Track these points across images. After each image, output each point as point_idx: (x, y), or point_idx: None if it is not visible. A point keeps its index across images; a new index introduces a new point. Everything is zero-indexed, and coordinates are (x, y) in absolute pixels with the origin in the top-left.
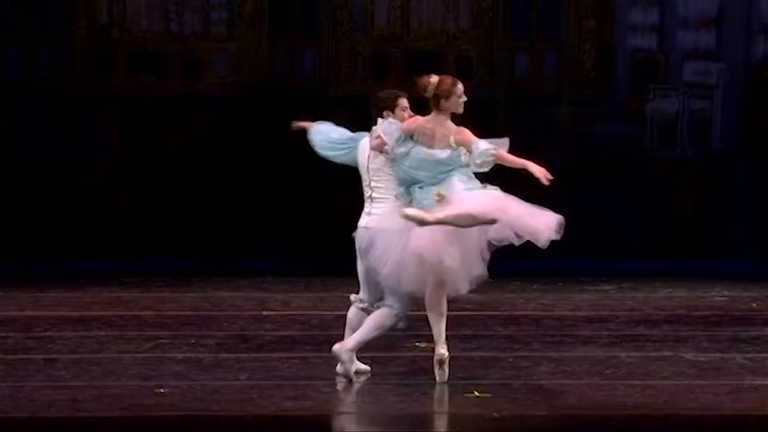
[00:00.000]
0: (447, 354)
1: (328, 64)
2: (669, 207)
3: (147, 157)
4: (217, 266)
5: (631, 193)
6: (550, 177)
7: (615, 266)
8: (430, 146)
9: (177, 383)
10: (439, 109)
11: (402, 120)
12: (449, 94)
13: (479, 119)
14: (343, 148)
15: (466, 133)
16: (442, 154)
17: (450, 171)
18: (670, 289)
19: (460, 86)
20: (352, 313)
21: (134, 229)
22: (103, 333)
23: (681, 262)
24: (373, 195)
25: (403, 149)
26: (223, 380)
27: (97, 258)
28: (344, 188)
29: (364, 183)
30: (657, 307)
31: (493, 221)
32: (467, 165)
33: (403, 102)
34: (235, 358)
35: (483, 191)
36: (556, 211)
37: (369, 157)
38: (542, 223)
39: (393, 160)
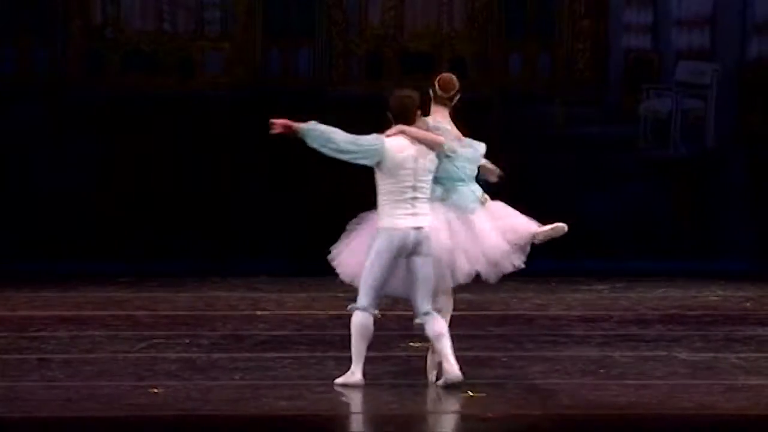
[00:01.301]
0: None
1: (323, 63)
2: (662, 207)
3: (141, 156)
4: (211, 266)
5: (625, 193)
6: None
7: (608, 266)
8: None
9: (171, 383)
10: (452, 108)
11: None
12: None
13: (473, 119)
14: (366, 152)
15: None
16: (480, 149)
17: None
18: (663, 289)
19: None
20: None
21: (128, 229)
22: (96, 333)
23: (675, 261)
24: (417, 195)
25: (464, 150)
26: (216, 380)
27: (90, 258)
28: (340, 188)
29: (403, 183)
30: (651, 307)
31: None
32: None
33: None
34: (229, 358)
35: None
36: (549, 211)
37: (416, 158)
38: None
39: (447, 158)
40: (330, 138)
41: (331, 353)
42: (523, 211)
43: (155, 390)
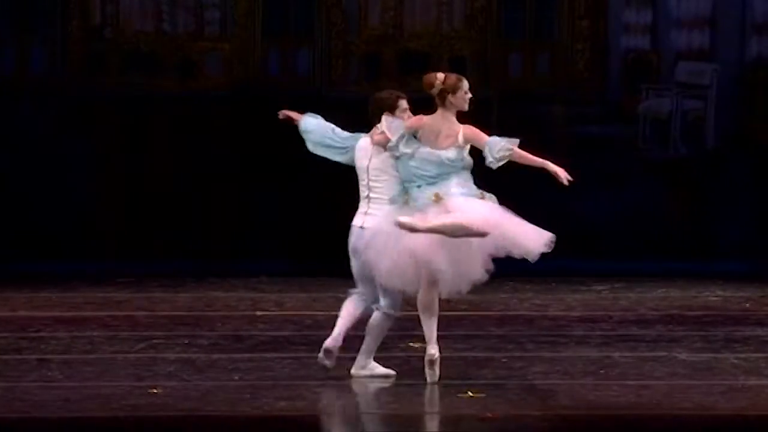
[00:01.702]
0: (437, 354)
1: (322, 64)
2: (662, 207)
3: (140, 157)
4: (211, 266)
5: (624, 193)
6: (570, 178)
7: (608, 266)
8: (435, 145)
9: (170, 383)
10: (445, 106)
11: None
12: (456, 89)
13: (472, 119)
14: (340, 149)
15: (476, 130)
16: (448, 153)
17: (451, 172)
18: (663, 289)
19: (465, 82)
20: (348, 301)
21: (127, 230)
22: (96, 333)
23: (674, 262)
24: (371, 195)
25: (408, 150)
26: (216, 381)
27: (90, 258)
28: (339, 188)
29: (362, 183)
30: (650, 307)
31: (483, 234)
32: (470, 167)
33: (404, 103)
34: (229, 359)
35: (479, 201)
36: (549, 211)
37: (370, 157)
38: (533, 240)
39: (396, 158)
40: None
41: None
42: (522, 213)
43: (154, 390)
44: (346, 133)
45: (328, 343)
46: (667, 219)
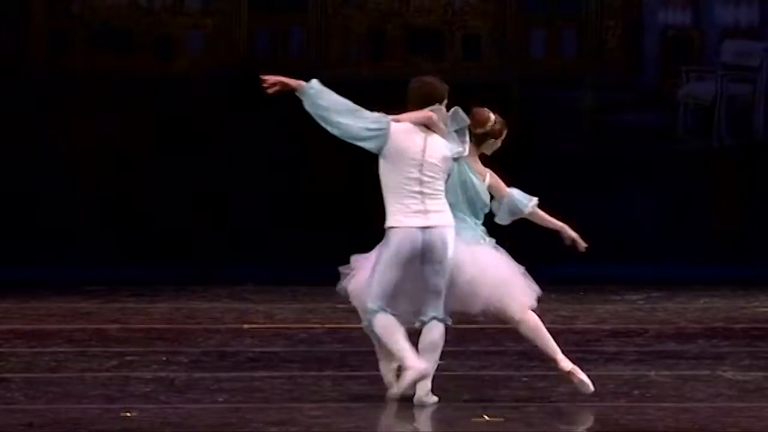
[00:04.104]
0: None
1: (317, 42)
2: (705, 205)
3: (112, 148)
4: (192, 273)
5: (662, 189)
6: (585, 244)
7: (643, 273)
8: None
9: (146, 406)
10: (478, 146)
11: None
12: (500, 135)
13: (489, 106)
14: (369, 136)
15: (500, 181)
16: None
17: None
18: (706, 299)
19: (505, 131)
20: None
21: (97, 232)
22: (61, 349)
23: (719, 268)
24: (425, 190)
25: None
26: (198, 403)
27: (54, 263)
28: (337, 183)
29: (406, 175)
30: (692, 320)
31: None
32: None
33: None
34: (212, 378)
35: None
36: (575, 208)
37: (425, 148)
38: (516, 299)
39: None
40: (330, 104)
41: (327, 372)
42: (547, 210)
43: (128, 414)
44: (368, 114)
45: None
46: (710, 218)
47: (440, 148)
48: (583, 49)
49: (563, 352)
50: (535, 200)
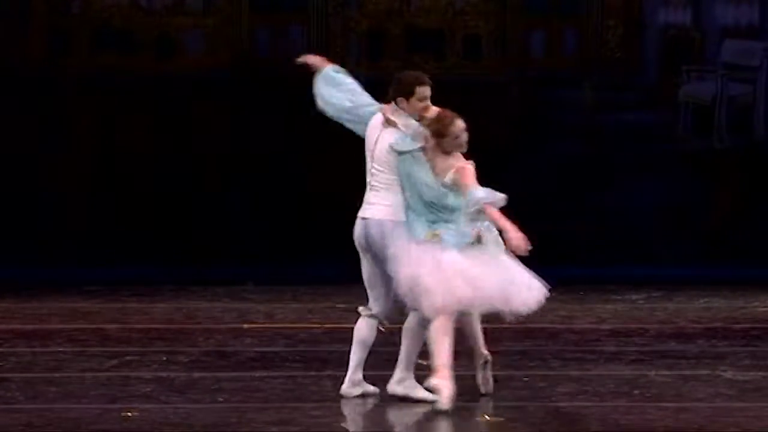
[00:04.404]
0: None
1: (318, 42)
2: (704, 205)
3: (111, 148)
4: (192, 272)
5: (662, 189)
6: (528, 248)
7: (643, 272)
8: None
9: (146, 406)
10: (440, 145)
11: (416, 111)
12: (441, 134)
13: (489, 106)
14: (354, 119)
15: (465, 175)
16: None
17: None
18: (706, 299)
19: (456, 126)
20: (360, 325)
21: (97, 231)
22: (61, 349)
23: (719, 268)
24: (372, 182)
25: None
26: (198, 403)
27: (54, 263)
28: (337, 182)
29: (366, 166)
30: (691, 320)
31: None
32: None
33: (423, 91)
34: (212, 378)
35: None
36: (578, 209)
37: (376, 141)
38: (520, 301)
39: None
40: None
41: (327, 372)
42: (550, 211)
43: (128, 414)
44: (366, 99)
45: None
46: (710, 219)
47: (387, 141)
48: (584, 49)
49: (563, 352)
50: (497, 197)
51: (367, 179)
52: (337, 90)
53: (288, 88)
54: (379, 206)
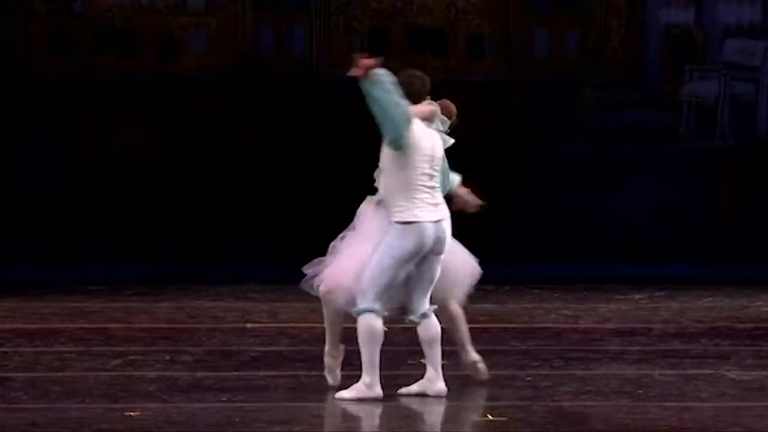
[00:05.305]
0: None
1: (320, 42)
2: (707, 204)
3: (114, 147)
4: (195, 272)
5: (665, 188)
6: (478, 202)
7: (647, 272)
8: None
9: (149, 405)
10: None
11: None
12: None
13: (493, 105)
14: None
15: None
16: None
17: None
18: (709, 299)
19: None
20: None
21: (100, 231)
22: (65, 349)
23: (722, 267)
24: (434, 185)
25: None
26: (201, 402)
27: (57, 263)
28: (339, 182)
29: (419, 171)
30: (695, 319)
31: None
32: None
33: None
34: (216, 377)
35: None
36: (579, 207)
37: (434, 143)
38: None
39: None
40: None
41: None
42: (552, 208)
43: (131, 413)
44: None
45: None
46: (713, 218)
47: (441, 142)
48: (587, 49)
49: (566, 352)
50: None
51: (420, 182)
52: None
53: (289, 85)
54: (443, 207)
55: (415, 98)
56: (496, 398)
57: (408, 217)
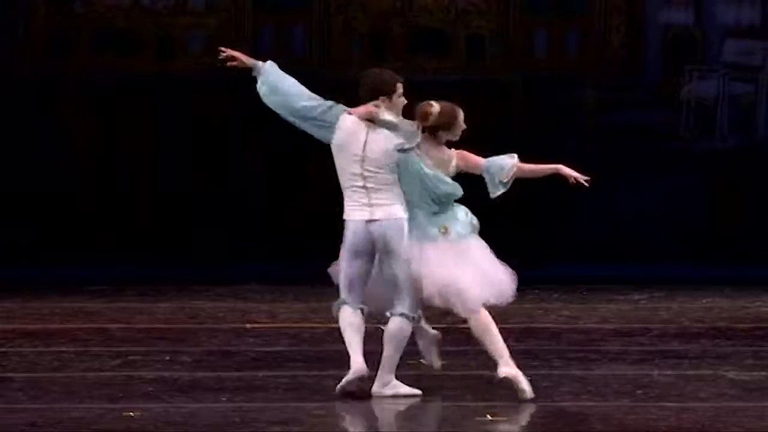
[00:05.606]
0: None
1: (320, 42)
2: (707, 204)
3: (114, 148)
4: (194, 272)
5: (664, 188)
6: (586, 177)
7: (646, 272)
8: None
9: (148, 406)
10: (435, 138)
11: (398, 108)
12: (449, 126)
13: (493, 106)
14: (316, 123)
15: (470, 156)
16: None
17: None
18: (709, 299)
19: (461, 115)
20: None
21: (100, 231)
22: (64, 349)
23: (722, 267)
24: (368, 185)
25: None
26: (201, 402)
27: (56, 263)
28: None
29: (351, 171)
30: (694, 319)
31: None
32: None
33: (401, 87)
34: (215, 377)
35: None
36: (580, 209)
37: (365, 143)
38: (463, 300)
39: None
40: (288, 87)
41: (330, 371)
42: (551, 209)
43: (131, 414)
44: (317, 100)
45: (358, 374)
46: (713, 218)
47: (381, 142)
48: (587, 49)
49: (566, 352)
50: (515, 156)
51: (351, 183)
52: (280, 83)
53: None
54: (385, 207)
55: (362, 97)
56: (496, 398)
57: (345, 215)
